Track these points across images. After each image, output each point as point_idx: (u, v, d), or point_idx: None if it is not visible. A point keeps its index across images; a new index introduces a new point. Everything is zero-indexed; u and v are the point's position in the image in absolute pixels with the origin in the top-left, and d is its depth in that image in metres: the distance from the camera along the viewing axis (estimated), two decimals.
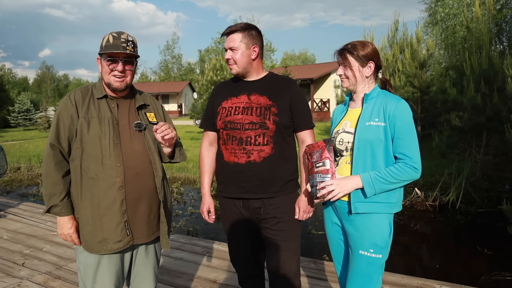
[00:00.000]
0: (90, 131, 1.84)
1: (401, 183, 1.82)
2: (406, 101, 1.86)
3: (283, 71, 27.15)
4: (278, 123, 2.04)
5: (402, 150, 1.80)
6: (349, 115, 1.99)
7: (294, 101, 2.11)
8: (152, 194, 1.94)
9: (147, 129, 1.96)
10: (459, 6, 14.58)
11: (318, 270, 3.45)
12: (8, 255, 3.91)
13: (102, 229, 1.84)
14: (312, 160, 1.92)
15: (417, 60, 9.78)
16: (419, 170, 1.81)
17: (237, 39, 2.06)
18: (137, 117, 1.97)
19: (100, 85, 1.95)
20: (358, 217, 1.86)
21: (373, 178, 1.80)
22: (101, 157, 1.83)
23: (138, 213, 1.90)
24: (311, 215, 2.16)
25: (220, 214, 2.29)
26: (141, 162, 1.90)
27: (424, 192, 6.64)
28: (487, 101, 6.63)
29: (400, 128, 1.81)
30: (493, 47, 7.44)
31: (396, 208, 1.88)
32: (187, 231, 5.51)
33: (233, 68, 2.12)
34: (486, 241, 4.85)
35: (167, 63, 57.97)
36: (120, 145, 1.87)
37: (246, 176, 2.06)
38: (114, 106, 1.93)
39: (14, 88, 43.05)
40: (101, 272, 1.89)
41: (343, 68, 1.94)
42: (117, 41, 1.85)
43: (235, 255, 2.30)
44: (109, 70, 1.86)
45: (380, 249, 1.84)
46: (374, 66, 1.91)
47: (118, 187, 1.83)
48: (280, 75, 2.25)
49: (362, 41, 1.94)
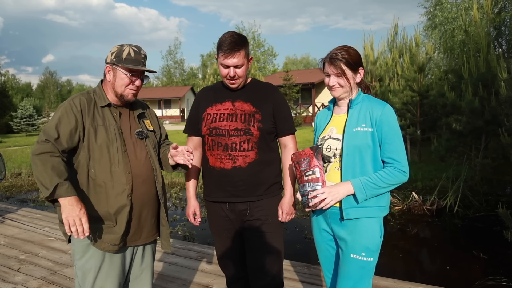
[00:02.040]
0: (98, 139, 1.86)
1: (390, 187, 1.85)
2: (402, 105, 1.88)
3: (285, 76, 27.25)
4: (262, 129, 2.11)
5: (390, 154, 1.83)
6: (335, 121, 1.99)
7: (277, 107, 2.17)
8: (154, 199, 2.01)
9: (148, 137, 2.03)
10: (458, 10, 14.60)
11: (311, 275, 3.44)
12: (4, 260, 3.94)
13: (105, 234, 1.86)
14: (301, 168, 1.90)
15: (416, 64, 9.80)
16: (407, 173, 1.84)
17: (241, 56, 2.05)
18: (138, 125, 2.02)
19: (102, 92, 1.96)
20: (350, 222, 1.87)
21: (364, 183, 1.81)
22: (109, 164, 1.86)
23: (141, 218, 1.96)
24: (293, 216, 2.24)
25: (207, 218, 2.35)
26: (145, 170, 1.97)
27: (422, 196, 6.62)
28: (485, 105, 6.63)
29: (387, 133, 1.83)
30: (492, 50, 7.43)
31: (385, 211, 1.92)
32: (184, 236, 5.52)
33: (236, 83, 2.12)
34: (482, 245, 4.83)
35: (169, 68, 58.19)
36: (127, 153, 1.91)
37: (232, 181, 2.12)
38: (117, 115, 1.95)
39: (17, 93, 43.35)
40: (101, 277, 1.90)
41: (336, 77, 1.90)
42: (138, 56, 1.93)
43: (223, 257, 2.34)
44: (128, 83, 1.91)
45: (371, 252, 1.86)
46: (363, 72, 1.93)
47: (127, 194, 1.87)
48: (263, 82, 2.30)
49: (344, 47, 1.91)
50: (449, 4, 15.30)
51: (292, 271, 3.51)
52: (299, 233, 5.60)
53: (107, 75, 1.94)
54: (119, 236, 1.87)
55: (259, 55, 49.79)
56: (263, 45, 50.84)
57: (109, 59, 1.93)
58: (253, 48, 49.96)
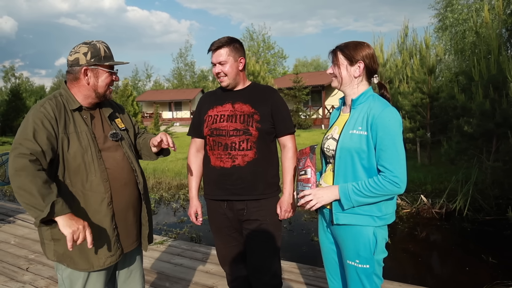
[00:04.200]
0: (71, 148, 1.75)
1: (379, 197, 1.72)
2: (398, 109, 1.79)
3: (294, 78, 27.23)
4: (260, 129, 2.17)
5: (383, 162, 1.70)
6: (339, 121, 1.95)
7: (275, 108, 2.23)
8: (137, 201, 1.97)
9: (123, 138, 1.96)
10: (469, 11, 14.44)
11: (316, 277, 3.43)
12: (14, 260, 4.00)
13: (92, 248, 1.75)
14: (299, 166, 1.94)
15: (426, 66, 9.71)
16: (401, 185, 1.68)
17: (224, 53, 2.18)
18: (110, 127, 1.94)
19: (70, 95, 1.83)
20: (341, 228, 1.83)
21: (350, 190, 1.73)
22: (86, 173, 1.76)
23: (128, 222, 1.91)
24: (292, 215, 2.29)
25: (208, 216, 2.42)
26: (126, 172, 1.90)
27: (431, 199, 6.55)
28: (496, 107, 6.53)
29: (382, 138, 1.70)
30: (503, 52, 7.33)
31: (380, 221, 1.77)
32: (191, 237, 5.54)
33: (224, 81, 2.23)
34: (492, 249, 4.75)
35: (180, 70, 58.56)
36: (102, 158, 1.82)
37: (231, 179, 2.20)
38: (87, 118, 1.85)
39: (31, 96, 43.92)
40: (91, 284, 1.83)
41: (332, 66, 1.87)
42: (111, 52, 1.88)
43: (222, 255, 2.41)
44: (110, 81, 1.87)
45: (365, 259, 1.77)
46: (363, 67, 1.80)
47: (108, 203, 1.79)
48: (262, 85, 2.38)
49: (357, 41, 1.85)
50: (460, 6, 15.14)
51: (297, 273, 3.50)
52: (305, 235, 5.58)
53: (84, 78, 1.81)
54: (111, 246, 1.81)
55: (269, 57, 49.83)
56: (273, 47, 50.87)
57: (85, 61, 1.79)
58: (263, 50, 50.00)
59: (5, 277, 3.56)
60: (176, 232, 5.81)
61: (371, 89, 1.87)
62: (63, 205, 1.58)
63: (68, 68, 1.84)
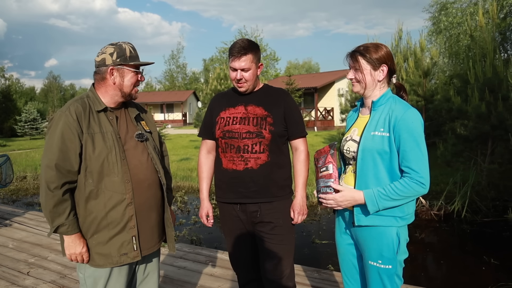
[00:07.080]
0: (96, 149, 1.77)
1: (406, 199, 1.73)
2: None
3: (287, 80, 27.27)
4: (273, 132, 2.17)
5: (408, 163, 1.70)
6: (358, 122, 1.93)
7: (288, 111, 2.23)
8: (160, 202, 1.99)
9: (148, 139, 1.98)
10: (463, 15, 14.62)
11: (321, 279, 3.43)
12: (14, 264, 3.93)
13: (108, 245, 1.81)
14: (318, 165, 1.96)
15: (421, 69, 9.78)
16: (427, 185, 1.70)
17: (248, 60, 2.14)
18: (136, 128, 1.95)
19: (96, 96, 1.87)
20: (363, 229, 1.83)
21: (376, 195, 1.73)
22: (108, 173, 1.78)
23: (151, 223, 1.92)
24: (305, 217, 2.29)
25: (220, 219, 2.40)
26: (150, 173, 1.92)
27: (429, 201, 6.59)
28: (491, 110, 6.61)
29: (406, 139, 1.70)
30: (497, 55, 7.43)
31: (403, 221, 1.80)
32: (191, 240, 5.50)
33: (244, 87, 2.20)
34: (492, 251, 4.80)
35: (171, 72, 58.41)
36: (126, 159, 1.83)
37: (244, 182, 2.18)
38: (113, 119, 1.87)
39: (21, 97, 43.40)
40: (111, 284, 1.86)
41: (353, 71, 1.84)
42: (136, 52, 1.90)
43: (235, 258, 2.39)
44: (136, 80, 1.89)
45: (389, 260, 1.79)
46: (387, 70, 1.81)
47: (127, 204, 1.81)
48: (274, 87, 2.36)
49: (375, 43, 1.85)
50: (454, 9, 15.31)
51: (303, 276, 3.49)
52: (306, 238, 5.57)
53: (110, 77, 1.84)
54: (131, 246, 1.83)
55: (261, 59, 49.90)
56: (265, 49, 50.94)
57: (111, 61, 1.83)
58: None
59: (6, 282, 3.49)
60: (175, 234, 5.74)
61: (390, 91, 1.88)
62: (68, 227, 1.75)
63: (96, 68, 1.88)
